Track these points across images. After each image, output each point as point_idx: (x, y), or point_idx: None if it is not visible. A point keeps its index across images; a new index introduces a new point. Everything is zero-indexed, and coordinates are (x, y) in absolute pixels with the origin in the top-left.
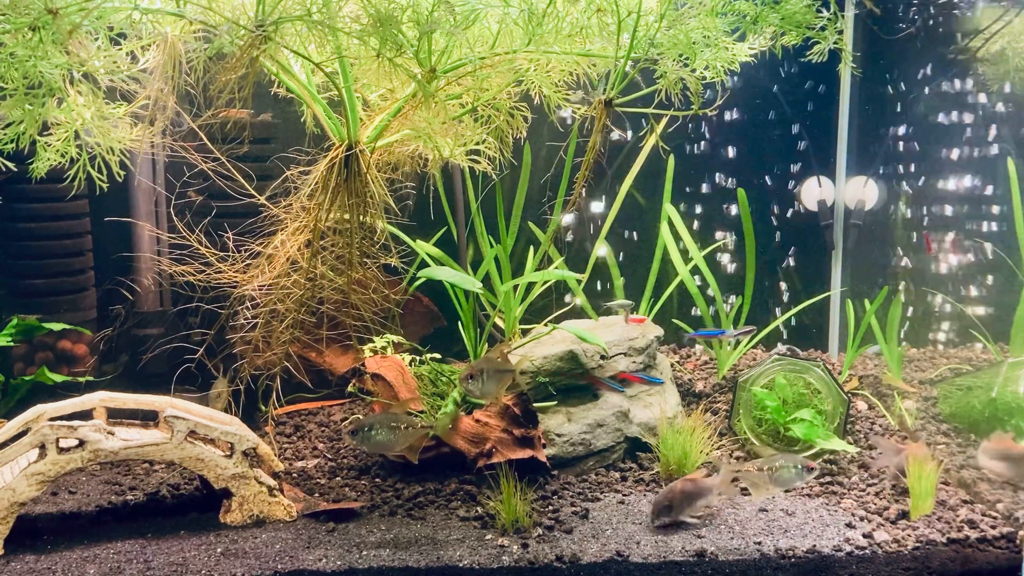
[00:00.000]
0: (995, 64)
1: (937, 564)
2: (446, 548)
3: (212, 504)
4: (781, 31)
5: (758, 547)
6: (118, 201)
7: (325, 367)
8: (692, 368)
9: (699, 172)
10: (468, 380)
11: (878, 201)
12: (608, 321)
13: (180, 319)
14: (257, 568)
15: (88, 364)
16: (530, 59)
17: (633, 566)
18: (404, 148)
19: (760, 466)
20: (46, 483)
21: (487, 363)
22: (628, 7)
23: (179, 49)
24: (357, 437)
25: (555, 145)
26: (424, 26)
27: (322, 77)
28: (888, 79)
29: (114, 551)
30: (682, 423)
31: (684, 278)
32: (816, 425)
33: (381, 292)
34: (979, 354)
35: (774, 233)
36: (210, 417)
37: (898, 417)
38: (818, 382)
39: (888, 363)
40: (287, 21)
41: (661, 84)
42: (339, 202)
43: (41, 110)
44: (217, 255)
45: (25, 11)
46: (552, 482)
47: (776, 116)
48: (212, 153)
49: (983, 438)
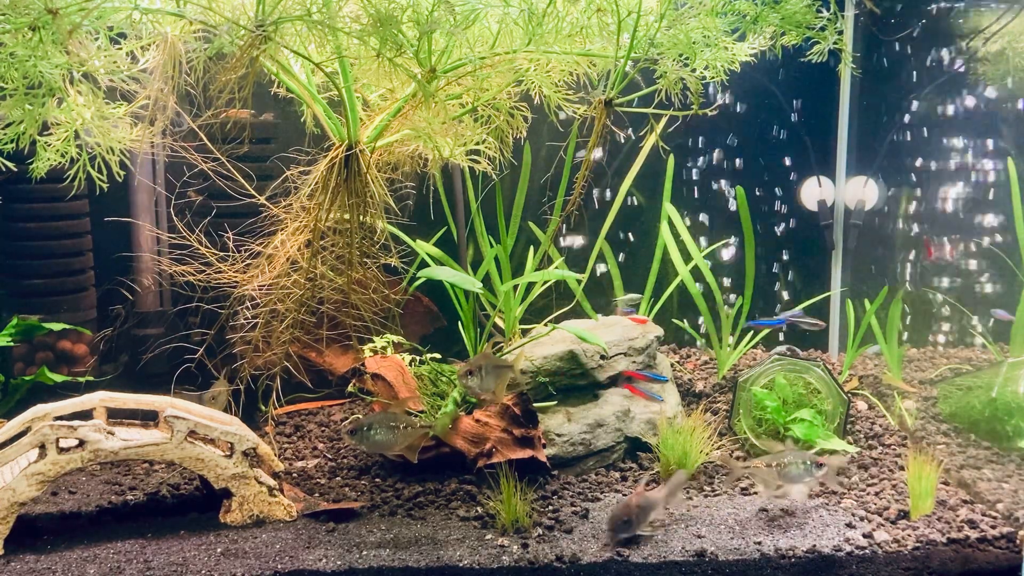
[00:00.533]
0: (995, 64)
1: (937, 564)
2: (446, 548)
3: (212, 504)
4: (781, 31)
5: (758, 547)
6: (118, 201)
7: (325, 367)
8: (692, 368)
9: (699, 172)
10: (467, 376)
11: (878, 201)
12: (608, 321)
13: (180, 319)
14: (257, 568)
15: (88, 364)
16: (530, 59)
17: (633, 566)
18: (404, 148)
19: (768, 462)
20: (46, 483)
21: (485, 359)
22: (628, 7)
23: (179, 49)
24: (356, 437)
25: (555, 145)
26: (424, 26)
27: (322, 77)
28: (888, 79)
29: (114, 551)
30: (682, 423)
31: (684, 278)
32: (816, 425)
33: (381, 292)
34: (979, 354)
35: (774, 233)
36: (210, 417)
37: (898, 417)
38: (818, 382)
39: (888, 363)
40: (287, 21)
41: (661, 84)
42: (339, 202)
43: (41, 110)
44: (217, 255)
45: (25, 11)
46: (552, 482)
47: (776, 116)
48: (212, 153)
49: (983, 438)
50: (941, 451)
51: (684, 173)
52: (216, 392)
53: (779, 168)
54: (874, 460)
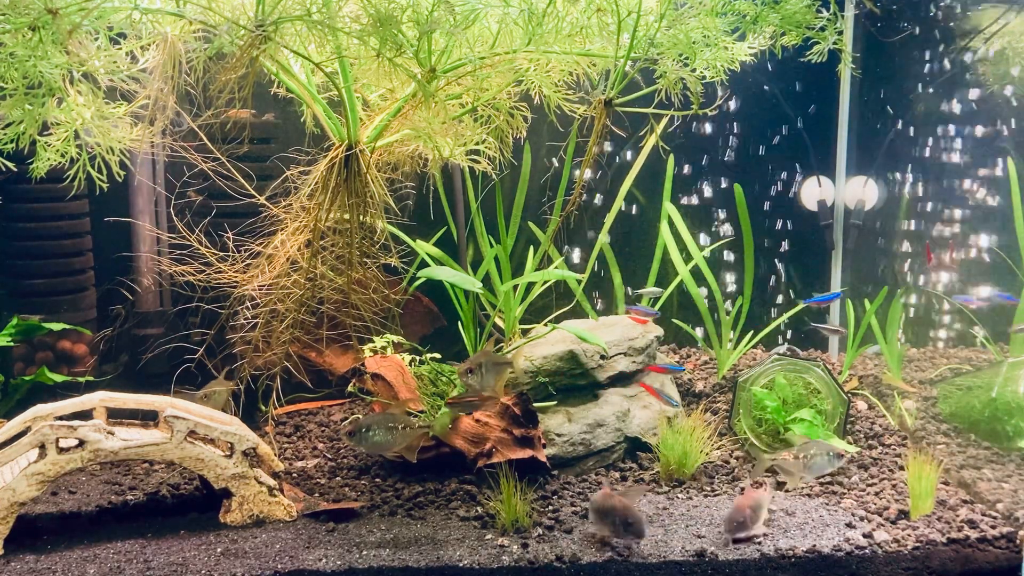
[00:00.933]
0: (995, 64)
1: (937, 564)
2: (446, 548)
3: (212, 504)
4: (781, 31)
5: (758, 547)
6: (118, 201)
7: (325, 367)
8: (692, 368)
9: (698, 171)
10: (467, 374)
11: (878, 201)
12: (608, 321)
13: (180, 319)
14: (257, 568)
15: (88, 364)
16: (530, 59)
17: (633, 566)
18: (404, 148)
19: (795, 454)
20: (46, 483)
21: (485, 356)
22: (628, 7)
23: (179, 49)
24: (355, 439)
25: (555, 145)
26: (424, 26)
27: (322, 77)
28: (888, 79)
29: (114, 551)
30: (682, 423)
31: (684, 278)
32: (816, 425)
33: (381, 292)
34: (979, 354)
35: (775, 232)
36: (210, 417)
37: (898, 417)
38: (818, 382)
39: (888, 363)
40: (287, 21)
41: (661, 84)
42: (339, 202)
43: (41, 110)
44: (217, 255)
45: (25, 11)
46: (552, 482)
47: (776, 115)
48: (212, 153)
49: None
50: (941, 451)
51: (683, 172)
52: (210, 391)
53: (779, 168)
54: (874, 460)
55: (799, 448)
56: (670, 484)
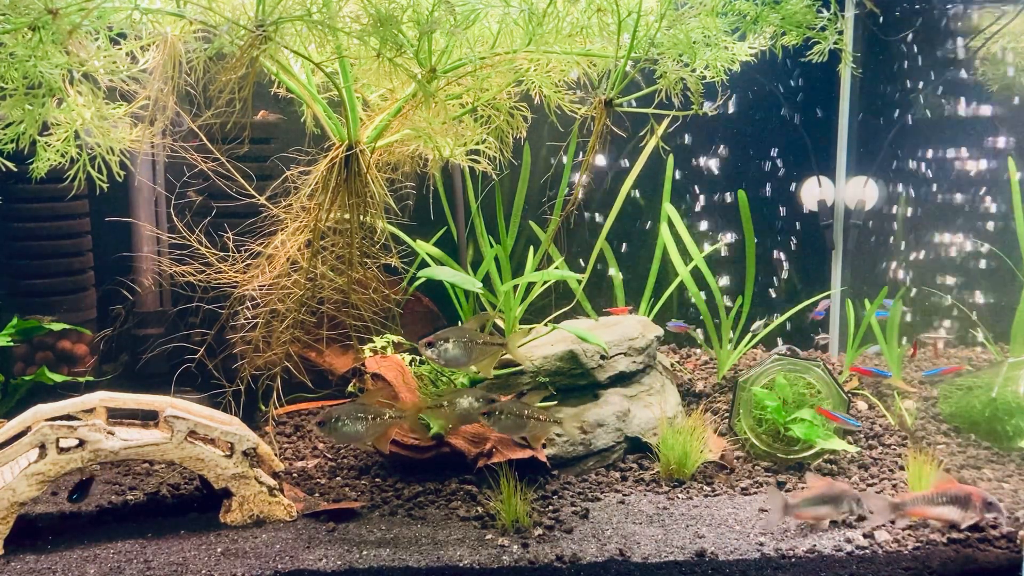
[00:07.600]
0: (995, 64)
1: (937, 564)
2: (446, 548)
3: (212, 504)
4: (781, 31)
5: (758, 547)
6: (118, 201)
7: (325, 367)
8: (692, 368)
9: (698, 172)
10: (427, 347)
11: (878, 201)
12: (608, 321)
13: (180, 319)
14: (257, 568)
15: (88, 364)
16: (530, 59)
17: (633, 566)
18: (404, 148)
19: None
20: (46, 483)
21: (456, 332)
22: (628, 7)
23: (179, 49)
24: (325, 428)
25: (555, 145)
26: (424, 26)
27: (322, 77)
28: (888, 79)
29: (114, 551)
30: (682, 423)
31: (684, 278)
32: (816, 425)
33: (381, 292)
34: (979, 354)
35: (775, 233)
36: (210, 417)
37: (898, 417)
38: (818, 382)
39: (888, 363)
40: (287, 21)
41: (661, 84)
42: (339, 202)
43: (41, 110)
44: (217, 255)
45: (25, 11)
46: (552, 482)
47: (776, 115)
48: (212, 153)
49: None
50: (941, 451)
51: (683, 172)
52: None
53: (779, 168)
54: (874, 460)
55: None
56: (670, 484)
